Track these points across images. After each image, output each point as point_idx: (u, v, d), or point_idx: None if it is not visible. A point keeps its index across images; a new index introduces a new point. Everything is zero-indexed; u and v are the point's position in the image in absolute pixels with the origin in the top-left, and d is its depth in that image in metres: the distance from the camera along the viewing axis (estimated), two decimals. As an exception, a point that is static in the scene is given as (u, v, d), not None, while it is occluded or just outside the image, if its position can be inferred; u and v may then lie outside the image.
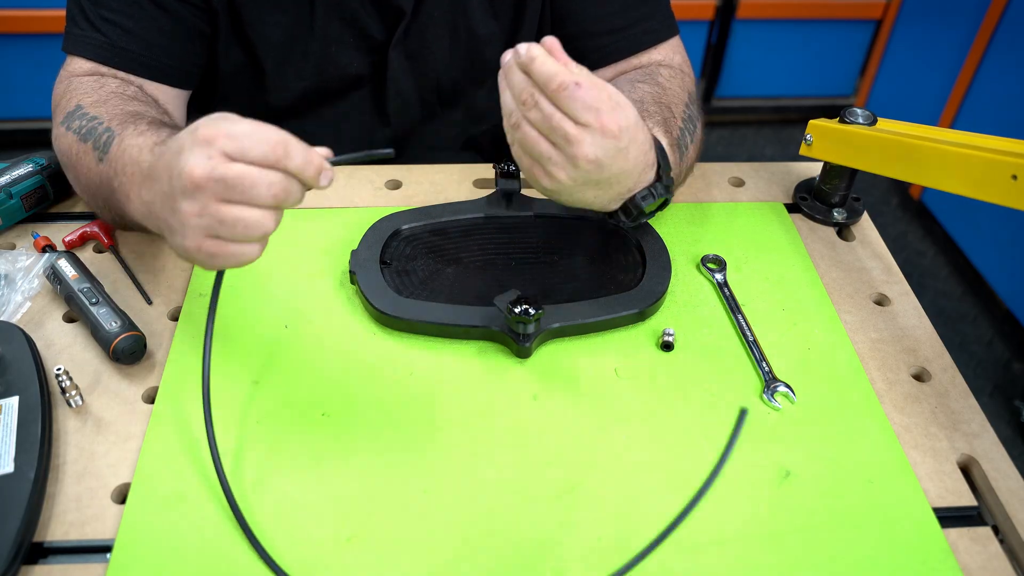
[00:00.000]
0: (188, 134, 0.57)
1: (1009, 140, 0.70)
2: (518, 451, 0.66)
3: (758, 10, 2.31)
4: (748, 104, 2.54)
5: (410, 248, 0.80)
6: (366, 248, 0.78)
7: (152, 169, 0.62)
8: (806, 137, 0.87)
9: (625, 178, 0.69)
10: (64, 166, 0.79)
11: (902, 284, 0.83)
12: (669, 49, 0.94)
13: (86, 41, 0.81)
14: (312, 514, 0.61)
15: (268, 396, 0.69)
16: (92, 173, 0.72)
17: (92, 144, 0.72)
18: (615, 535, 0.60)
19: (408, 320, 0.73)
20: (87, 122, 0.74)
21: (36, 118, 2.23)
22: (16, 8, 2.02)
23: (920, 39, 2.22)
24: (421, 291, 0.76)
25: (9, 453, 0.61)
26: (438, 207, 0.83)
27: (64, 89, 0.80)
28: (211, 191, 0.55)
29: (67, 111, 0.77)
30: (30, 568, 0.58)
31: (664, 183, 0.72)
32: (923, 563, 0.60)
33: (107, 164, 0.70)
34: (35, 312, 0.76)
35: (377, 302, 0.73)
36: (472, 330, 0.73)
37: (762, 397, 0.70)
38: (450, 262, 0.77)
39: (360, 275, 0.76)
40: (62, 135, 0.77)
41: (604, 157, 0.65)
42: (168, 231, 0.60)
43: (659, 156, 0.72)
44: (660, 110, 0.81)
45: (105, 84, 0.80)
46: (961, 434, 0.69)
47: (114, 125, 0.72)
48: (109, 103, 0.76)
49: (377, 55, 0.91)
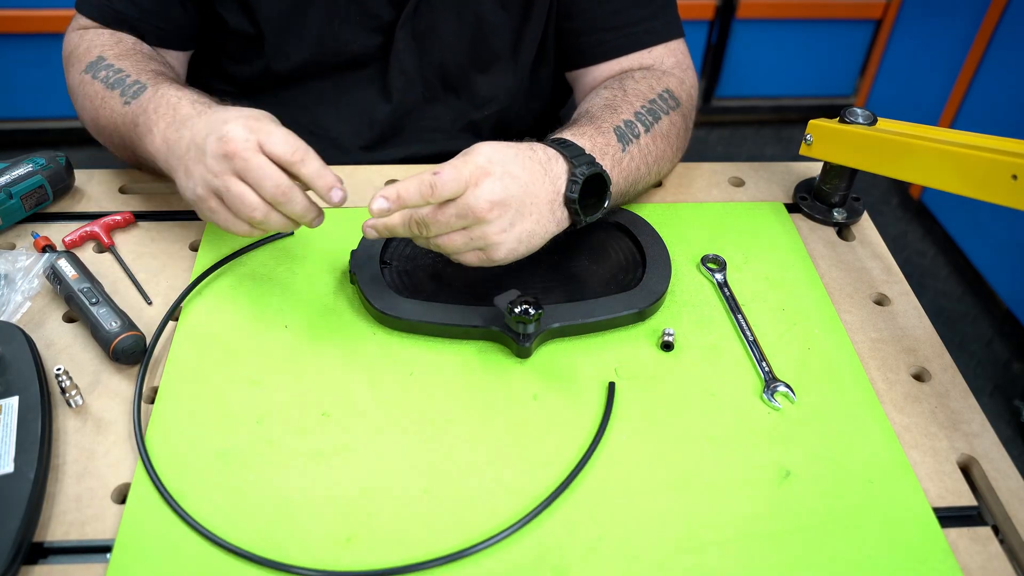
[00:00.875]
0: (237, 113, 0.69)
1: (1009, 140, 0.70)
2: (518, 451, 0.66)
3: (758, 10, 2.31)
4: (748, 104, 2.54)
5: (410, 248, 0.80)
6: (366, 248, 0.78)
7: (188, 119, 0.72)
8: (806, 137, 0.87)
9: (536, 208, 0.70)
10: (81, 107, 0.86)
11: (902, 284, 0.83)
12: (666, 51, 0.94)
13: (91, 3, 0.88)
14: (312, 514, 0.61)
15: (268, 396, 0.69)
16: (115, 114, 0.80)
17: (120, 92, 0.80)
18: (615, 535, 0.60)
19: (408, 320, 0.73)
20: (113, 73, 0.82)
21: (36, 118, 2.23)
22: (16, 8, 2.02)
23: (920, 39, 2.22)
24: (421, 291, 0.76)
25: (9, 453, 0.61)
26: None
27: (79, 39, 0.87)
28: (233, 164, 0.66)
29: (88, 60, 0.84)
30: (30, 568, 0.58)
31: (580, 170, 0.71)
32: (923, 563, 0.60)
33: (134, 105, 0.78)
34: (35, 312, 0.76)
35: (377, 302, 0.73)
36: (472, 330, 0.73)
37: (762, 397, 0.70)
38: (450, 262, 0.77)
39: (360, 275, 0.76)
40: (86, 82, 0.83)
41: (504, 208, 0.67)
42: (184, 173, 0.70)
43: (561, 148, 0.72)
44: (603, 112, 0.81)
45: (123, 39, 0.87)
46: (961, 434, 0.69)
47: (143, 78, 0.80)
48: (132, 58, 0.84)
49: (383, 35, 0.92)
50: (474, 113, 1.00)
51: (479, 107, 1.00)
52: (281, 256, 0.82)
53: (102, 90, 0.81)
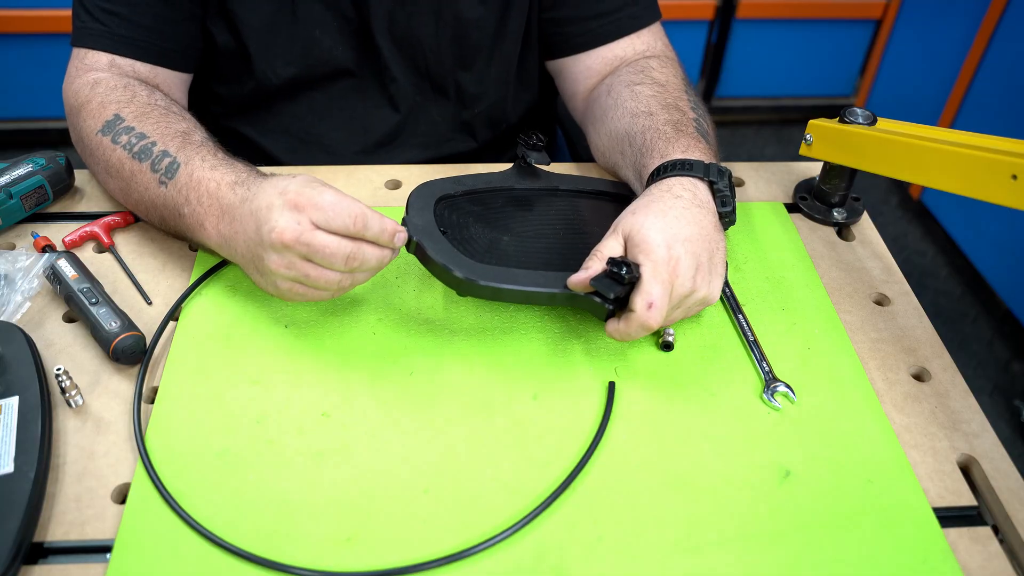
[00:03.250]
0: (278, 194, 0.66)
1: (1009, 140, 0.70)
2: (518, 451, 0.66)
3: (758, 10, 2.31)
4: (748, 104, 2.54)
5: (456, 215, 0.75)
6: (418, 215, 0.71)
7: (233, 210, 0.70)
8: (806, 137, 0.87)
9: (713, 241, 0.71)
10: (104, 172, 0.81)
11: (902, 284, 0.83)
12: (651, 35, 0.95)
13: (89, 32, 0.84)
14: (312, 514, 0.61)
15: (268, 396, 0.69)
16: (152, 194, 0.76)
17: (150, 166, 0.76)
18: (615, 535, 0.60)
19: (495, 287, 0.68)
20: (136, 139, 0.77)
21: (36, 118, 2.24)
22: (16, 8, 2.02)
23: (920, 39, 2.22)
24: (488, 259, 0.71)
25: (9, 453, 0.61)
26: (468, 177, 0.79)
27: (89, 91, 0.82)
28: (297, 252, 0.65)
29: (104, 120, 0.80)
30: (30, 568, 0.58)
31: (721, 184, 0.73)
32: (923, 563, 0.60)
33: (173, 190, 0.74)
34: (35, 312, 0.76)
35: (460, 270, 0.67)
36: (557, 295, 0.69)
37: (762, 397, 0.70)
38: (502, 230, 0.74)
39: (428, 244, 0.69)
40: (106, 146, 0.79)
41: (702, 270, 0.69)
42: (255, 271, 0.71)
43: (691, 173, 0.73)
44: (670, 114, 0.82)
45: (136, 93, 0.82)
46: (961, 434, 0.69)
47: (171, 149, 0.76)
48: (151, 117, 0.79)
49: (360, 39, 0.91)
50: (465, 112, 1.00)
51: (469, 105, 0.99)
52: (281, 256, 0.82)
53: (128, 161, 0.77)
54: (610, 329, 0.69)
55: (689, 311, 0.71)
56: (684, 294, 0.68)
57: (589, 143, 0.95)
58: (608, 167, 0.91)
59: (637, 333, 0.67)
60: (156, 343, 0.72)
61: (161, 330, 0.73)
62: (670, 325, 0.73)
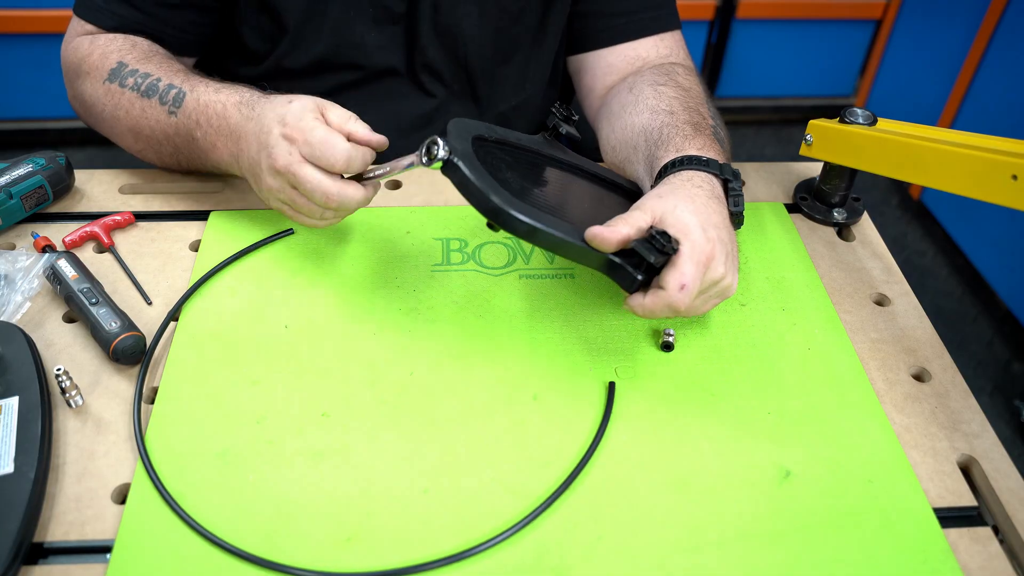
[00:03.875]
0: (276, 121, 0.71)
1: (1009, 140, 0.70)
2: (518, 451, 0.66)
3: (758, 10, 2.31)
4: (748, 104, 2.54)
5: (491, 158, 0.71)
6: (458, 141, 0.66)
7: (240, 128, 0.76)
8: (806, 137, 0.87)
9: (730, 232, 0.71)
10: (112, 118, 0.84)
11: (902, 284, 0.83)
12: (673, 41, 0.96)
13: (91, 7, 0.87)
14: (312, 514, 0.61)
15: (268, 396, 0.69)
16: (163, 124, 0.81)
17: (158, 99, 0.80)
18: (615, 535, 0.60)
19: (531, 224, 0.63)
20: (142, 79, 0.82)
21: (36, 118, 2.23)
22: (16, 8, 2.02)
23: (920, 39, 2.22)
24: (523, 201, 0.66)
25: (9, 453, 0.61)
26: (500, 128, 0.76)
27: (89, 46, 0.85)
28: (287, 179, 0.71)
29: (109, 68, 0.83)
30: (30, 568, 0.58)
31: (735, 184, 0.73)
32: (923, 563, 0.60)
33: (184, 116, 0.79)
34: (35, 312, 0.76)
35: (499, 198, 0.63)
36: (589, 252, 0.66)
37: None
38: (533, 183, 0.72)
39: (467, 167, 0.64)
40: (114, 91, 0.83)
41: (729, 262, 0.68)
42: (255, 185, 0.76)
43: (708, 169, 0.73)
44: (691, 116, 0.82)
45: (137, 43, 0.86)
46: (961, 434, 0.69)
47: (177, 82, 0.80)
48: (153, 60, 0.83)
49: (398, 28, 0.91)
50: (501, 104, 1.00)
51: (505, 99, 0.99)
52: (281, 256, 0.82)
53: (137, 99, 0.81)
54: (634, 304, 0.67)
55: (707, 302, 0.70)
56: (715, 279, 0.67)
57: (600, 138, 0.94)
58: (617, 162, 0.90)
59: (661, 312, 0.66)
60: (156, 343, 0.72)
61: (161, 330, 0.73)
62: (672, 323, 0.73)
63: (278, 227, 0.84)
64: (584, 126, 1.09)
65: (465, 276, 0.81)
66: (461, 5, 0.90)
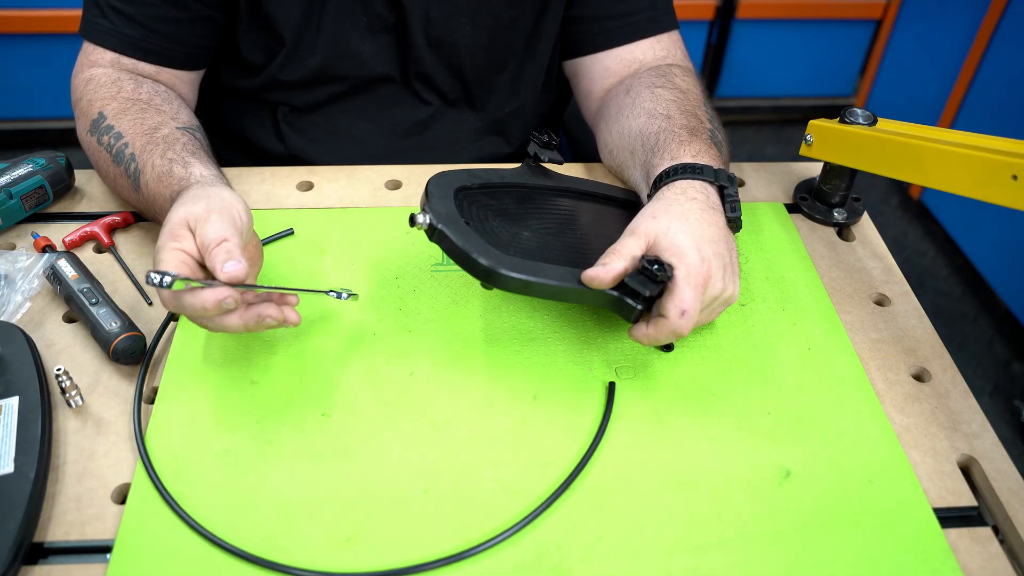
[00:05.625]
0: (161, 243, 0.64)
1: (1009, 140, 0.70)
2: (518, 451, 0.66)
3: (758, 10, 2.31)
4: (748, 104, 2.54)
5: (475, 207, 0.72)
6: (439, 203, 0.67)
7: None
8: (806, 137, 0.87)
9: (729, 241, 0.71)
10: (97, 168, 0.85)
11: (902, 284, 0.83)
12: (670, 42, 0.95)
13: (96, 29, 0.85)
14: (312, 514, 0.61)
15: (268, 396, 0.69)
16: (132, 198, 0.81)
17: (124, 170, 0.79)
18: (615, 535, 0.60)
19: (524, 279, 0.64)
20: (114, 140, 0.80)
21: (36, 118, 2.24)
22: (16, 8, 2.02)
23: (920, 39, 2.23)
24: (512, 252, 0.68)
25: (9, 453, 0.61)
26: (481, 170, 0.77)
27: (83, 87, 0.85)
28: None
29: (91, 119, 0.82)
30: (30, 568, 0.58)
31: (731, 191, 0.73)
32: (923, 563, 0.60)
33: (142, 195, 0.78)
34: (35, 312, 0.76)
35: (487, 259, 0.64)
36: (586, 292, 0.66)
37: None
38: (522, 226, 0.72)
39: (452, 231, 0.65)
40: (93, 146, 0.82)
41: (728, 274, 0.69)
42: None
43: (704, 177, 0.73)
44: (687, 120, 0.82)
45: (122, 88, 0.84)
46: (961, 434, 0.69)
47: (137, 151, 0.78)
48: (128, 114, 0.81)
49: (392, 38, 0.91)
50: (496, 111, 1.00)
51: (500, 106, 0.99)
52: (282, 256, 0.82)
53: (111, 165, 0.81)
54: (638, 334, 0.68)
55: (712, 313, 0.71)
56: (715, 296, 0.67)
57: (598, 141, 0.94)
58: (615, 166, 0.90)
59: (666, 339, 0.67)
60: (156, 343, 0.72)
61: (161, 330, 0.73)
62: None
63: (278, 227, 0.84)
64: (583, 127, 1.09)
65: (465, 276, 0.80)
66: (453, 17, 0.90)
